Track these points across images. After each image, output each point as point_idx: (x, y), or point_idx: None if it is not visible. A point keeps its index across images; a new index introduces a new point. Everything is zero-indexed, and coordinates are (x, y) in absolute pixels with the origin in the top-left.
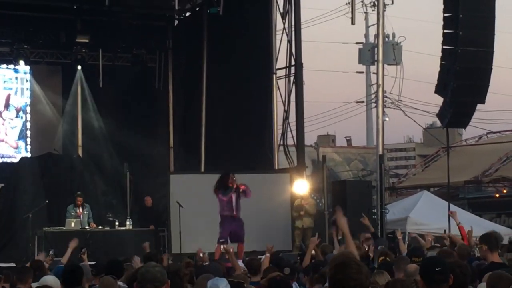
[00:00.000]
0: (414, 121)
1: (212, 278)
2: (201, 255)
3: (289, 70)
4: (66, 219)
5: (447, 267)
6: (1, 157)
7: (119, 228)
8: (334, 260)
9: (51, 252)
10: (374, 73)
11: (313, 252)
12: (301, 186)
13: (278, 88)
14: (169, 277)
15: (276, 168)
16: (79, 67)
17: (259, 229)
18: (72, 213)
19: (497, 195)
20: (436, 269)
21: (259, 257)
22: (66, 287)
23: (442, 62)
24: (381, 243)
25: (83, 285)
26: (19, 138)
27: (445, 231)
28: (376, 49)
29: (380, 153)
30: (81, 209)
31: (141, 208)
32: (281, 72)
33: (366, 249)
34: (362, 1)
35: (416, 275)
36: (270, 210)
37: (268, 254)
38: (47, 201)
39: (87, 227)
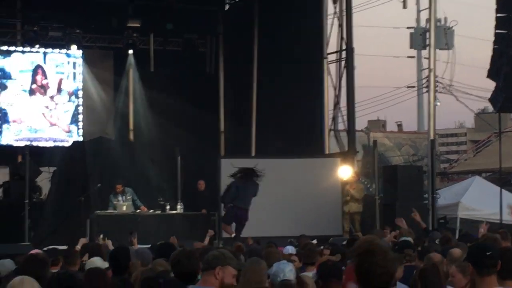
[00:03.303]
0: (466, 106)
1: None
2: (251, 242)
3: (340, 55)
4: (108, 208)
5: (497, 251)
6: (54, 141)
7: (170, 212)
8: (359, 248)
9: (101, 236)
10: (425, 57)
11: None
12: (345, 171)
13: (329, 72)
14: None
15: (327, 153)
16: (131, 51)
17: (309, 214)
18: (114, 202)
19: None
20: (487, 254)
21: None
22: (114, 273)
23: (495, 47)
24: (436, 236)
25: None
26: (71, 122)
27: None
28: (427, 33)
29: (432, 138)
30: (122, 197)
31: (193, 192)
32: (332, 57)
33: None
34: None
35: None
36: (320, 195)
37: None
38: (99, 185)
39: (138, 211)
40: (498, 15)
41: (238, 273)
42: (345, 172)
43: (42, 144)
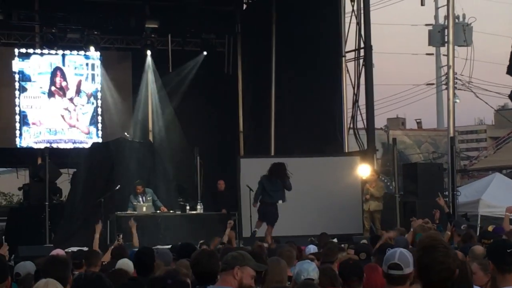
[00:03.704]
0: (486, 102)
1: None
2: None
3: (359, 53)
4: (128, 208)
5: None
6: (73, 143)
7: (190, 212)
8: (421, 243)
9: (120, 237)
10: (444, 54)
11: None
12: (364, 170)
13: (348, 71)
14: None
15: (346, 151)
16: (149, 52)
17: (329, 213)
18: (134, 203)
19: None
20: (508, 251)
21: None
22: (139, 273)
23: None
24: (462, 222)
25: (154, 268)
26: (91, 124)
27: None
28: (446, 30)
29: (451, 135)
30: (142, 198)
31: (213, 192)
32: (351, 55)
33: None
34: None
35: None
36: (340, 194)
37: None
38: (119, 186)
39: (158, 211)
40: None
41: (257, 274)
42: (364, 170)
43: (61, 146)
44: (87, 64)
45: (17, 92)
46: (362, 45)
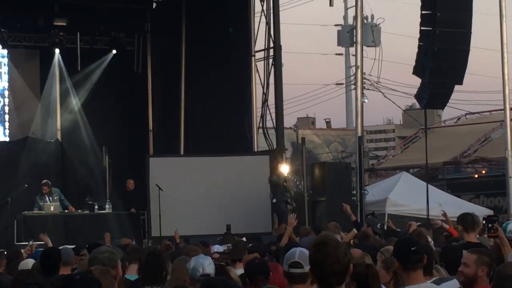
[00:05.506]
0: (393, 102)
1: (188, 261)
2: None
3: (268, 53)
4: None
5: (422, 246)
6: None
7: (99, 211)
8: (314, 242)
9: (30, 243)
10: (353, 55)
11: None
12: (284, 169)
13: (257, 70)
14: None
15: (256, 150)
16: (57, 50)
17: (239, 211)
18: (40, 203)
19: (476, 176)
20: (412, 249)
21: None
22: (44, 273)
23: (420, 43)
24: (376, 222)
25: (60, 269)
26: None
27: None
28: (355, 31)
29: (359, 134)
30: (48, 198)
31: (122, 191)
32: (260, 55)
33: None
34: None
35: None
36: (250, 193)
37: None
38: (26, 185)
39: (66, 211)
40: (423, 12)
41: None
42: (284, 170)
43: None
44: None
45: None
46: (271, 44)
